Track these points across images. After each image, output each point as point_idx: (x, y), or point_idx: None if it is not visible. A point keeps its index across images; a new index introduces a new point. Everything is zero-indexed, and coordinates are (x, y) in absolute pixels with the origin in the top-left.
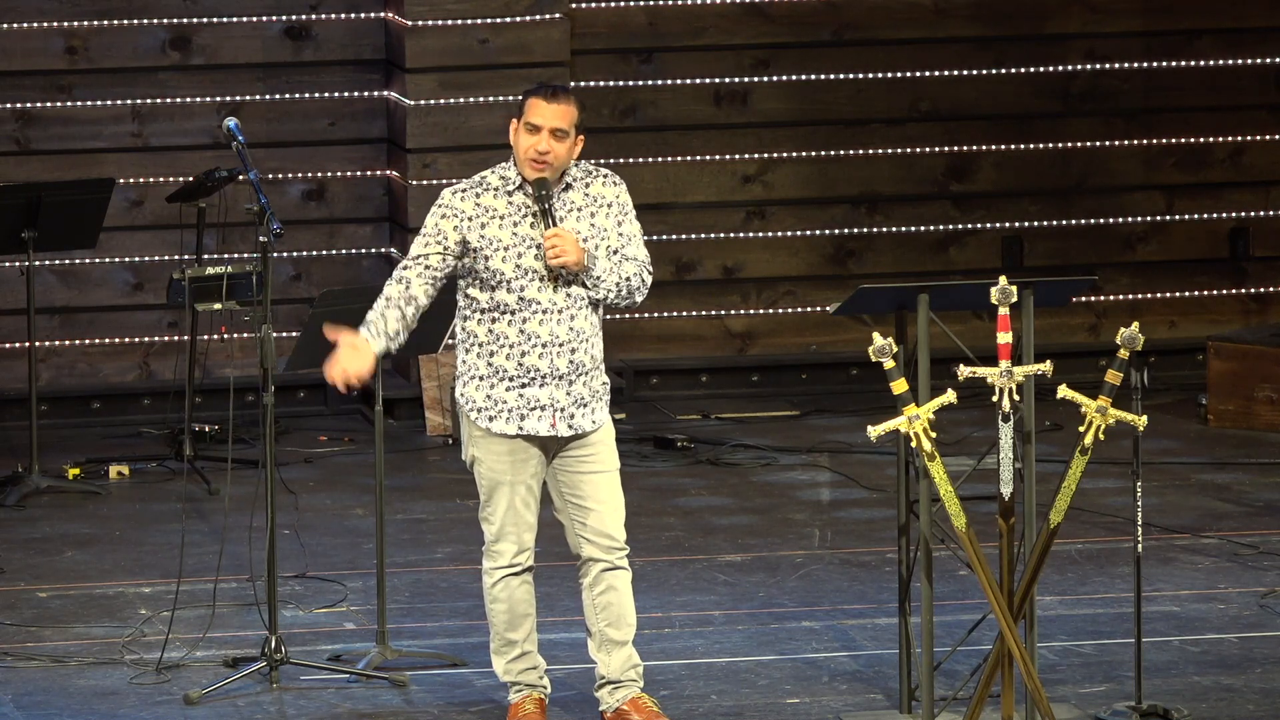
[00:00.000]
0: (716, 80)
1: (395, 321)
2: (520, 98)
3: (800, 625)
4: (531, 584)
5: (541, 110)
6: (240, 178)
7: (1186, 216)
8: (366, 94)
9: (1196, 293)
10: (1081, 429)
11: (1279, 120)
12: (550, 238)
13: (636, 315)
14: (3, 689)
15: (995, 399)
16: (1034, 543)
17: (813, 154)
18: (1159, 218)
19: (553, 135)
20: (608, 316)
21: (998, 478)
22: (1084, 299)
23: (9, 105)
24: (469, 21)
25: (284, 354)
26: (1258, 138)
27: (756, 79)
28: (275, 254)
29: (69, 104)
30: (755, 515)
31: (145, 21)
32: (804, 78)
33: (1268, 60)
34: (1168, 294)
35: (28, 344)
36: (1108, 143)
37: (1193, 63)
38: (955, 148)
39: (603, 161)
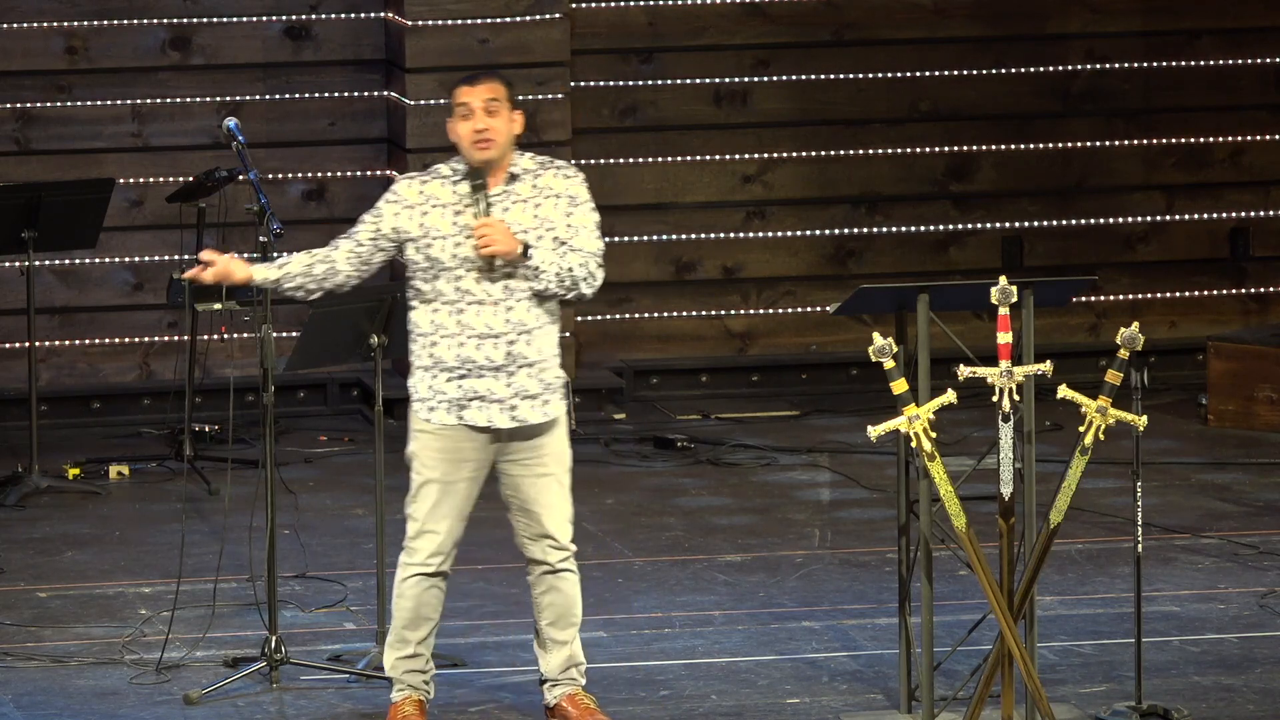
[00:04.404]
0: (716, 80)
1: (298, 264)
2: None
3: (800, 625)
4: (443, 590)
5: (466, 93)
6: (240, 178)
7: (1186, 216)
8: (366, 94)
9: (1196, 293)
10: (1081, 429)
11: (1279, 120)
12: (480, 227)
13: (636, 315)
14: (3, 689)
15: (995, 399)
16: (1034, 543)
17: (813, 154)
18: (1159, 218)
19: (486, 111)
20: (606, 316)
21: (998, 478)
22: (1084, 299)
23: (9, 105)
24: (469, 21)
25: (284, 354)
26: (1258, 138)
27: (756, 79)
28: (275, 254)
29: (69, 104)
30: (755, 515)
31: (145, 21)
32: (804, 78)
33: (1268, 60)
34: (1168, 294)
35: (28, 344)
36: (1108, 143)
37: (1193, 63)
38: (955, 148)
39: (603, 161)
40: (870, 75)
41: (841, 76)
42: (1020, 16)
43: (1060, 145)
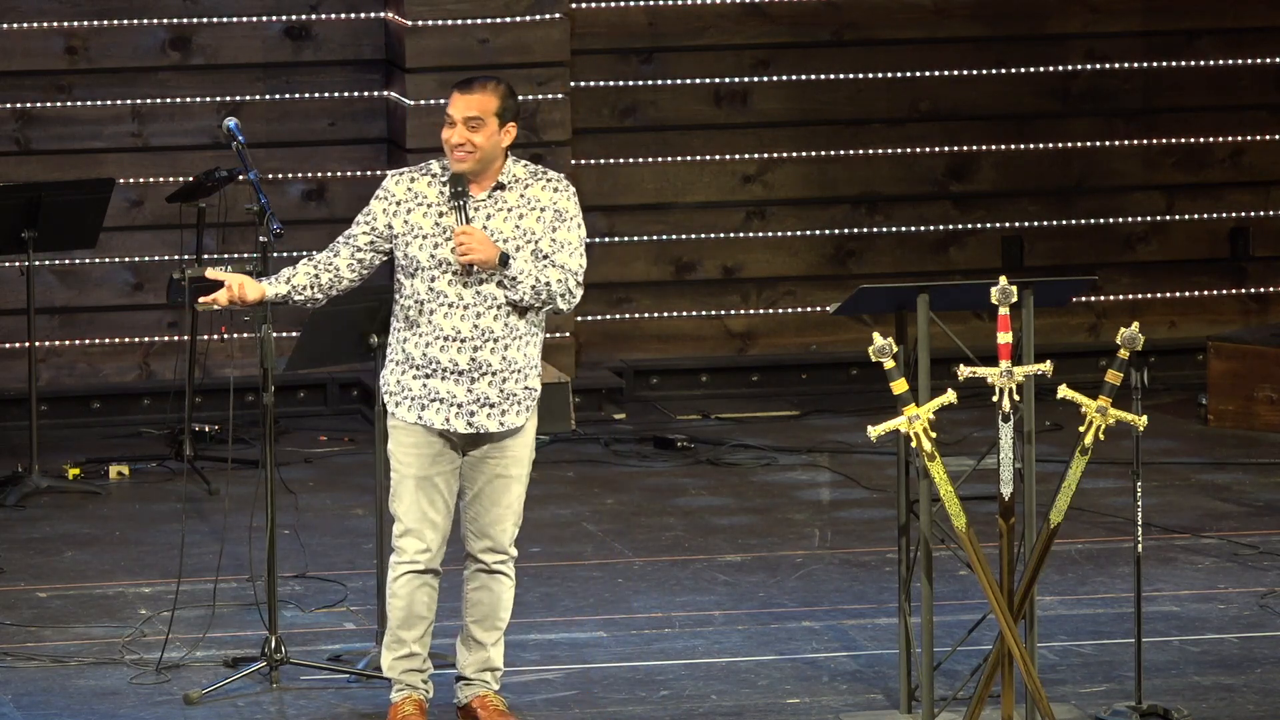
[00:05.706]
0: (716, 80)
1: (304, 276)
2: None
3: (800, 625)
4: (435, 587)
5: (455, 102)
6: (240, 178)
7: (1186, 216)
8: (366, 94)
9: (1196, 293)
10: (1081, 429)
11: (1279, 120)
12: (459, 235)
13: (636, 315)
14: (3, 689)
15: (995, 399)
16: (1034, 543)
17: (813, 154)
18: (1159, 218)
19: (466, 125)
20: (606, 316)
21: (998, 478)
22: (1084, 299)
23: (9, 105)
24: (469, 21)
25: (284, 354)
26: (1258, 138)
27: (756, 79)
28: (275, 254)
29: (69, 104)
30: (755, 515)
31: (145, 21)
32: (804, 78)
33: (1268, 60)
34: (1168, 294)
35: (28, 344)
36: (1108, 143)
37: (1193, 63)
38: (955, 148)
39: (603, 161)
40: (870, 75)
41: (841, 76)
42: (1020, 16)
43: (1060, 145)
